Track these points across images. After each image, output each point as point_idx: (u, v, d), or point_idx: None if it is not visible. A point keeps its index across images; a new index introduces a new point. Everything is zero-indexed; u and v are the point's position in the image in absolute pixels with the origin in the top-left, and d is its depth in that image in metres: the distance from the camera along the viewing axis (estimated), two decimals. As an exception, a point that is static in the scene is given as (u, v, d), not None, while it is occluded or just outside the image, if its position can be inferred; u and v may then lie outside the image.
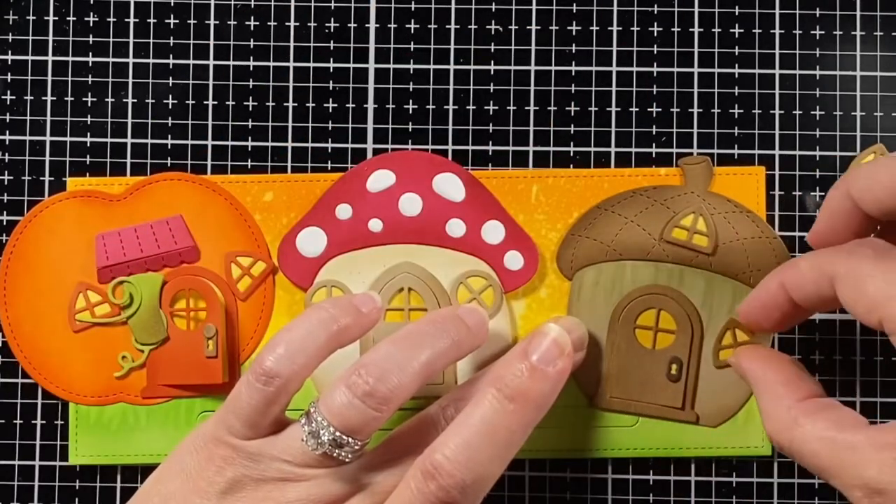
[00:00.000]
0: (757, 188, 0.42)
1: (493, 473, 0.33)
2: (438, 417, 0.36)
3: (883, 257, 0.31)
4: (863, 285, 0.30)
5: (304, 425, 0.34)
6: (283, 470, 0.34)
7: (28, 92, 0.43)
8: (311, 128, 0.43)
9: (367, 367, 0.34)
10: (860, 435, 0.30)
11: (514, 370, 0.34)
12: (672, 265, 0.41)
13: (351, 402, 0.33)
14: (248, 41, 0.43)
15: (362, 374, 0.33)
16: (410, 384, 0.34)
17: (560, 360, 0.35)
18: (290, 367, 0.34)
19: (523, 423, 0.34)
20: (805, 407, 0.32)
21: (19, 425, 0.43)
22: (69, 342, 0.42)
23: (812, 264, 0.33)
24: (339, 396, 0.33)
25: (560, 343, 0.35)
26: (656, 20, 0.43)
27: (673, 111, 0.43)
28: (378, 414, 0.33)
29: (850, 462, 0.29)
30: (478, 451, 0.32)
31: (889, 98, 0.43)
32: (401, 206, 0.42)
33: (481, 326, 0.37)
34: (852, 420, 0.31)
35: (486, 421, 0.33)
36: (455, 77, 0.43)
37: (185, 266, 0.42)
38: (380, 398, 0.33)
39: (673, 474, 0.42)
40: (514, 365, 0.34)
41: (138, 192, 0.42)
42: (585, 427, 0.41)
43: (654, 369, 0.41)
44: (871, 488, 0.29)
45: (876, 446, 0.29)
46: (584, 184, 0.42)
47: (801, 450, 0.31)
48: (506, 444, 0.33)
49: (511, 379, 0.34)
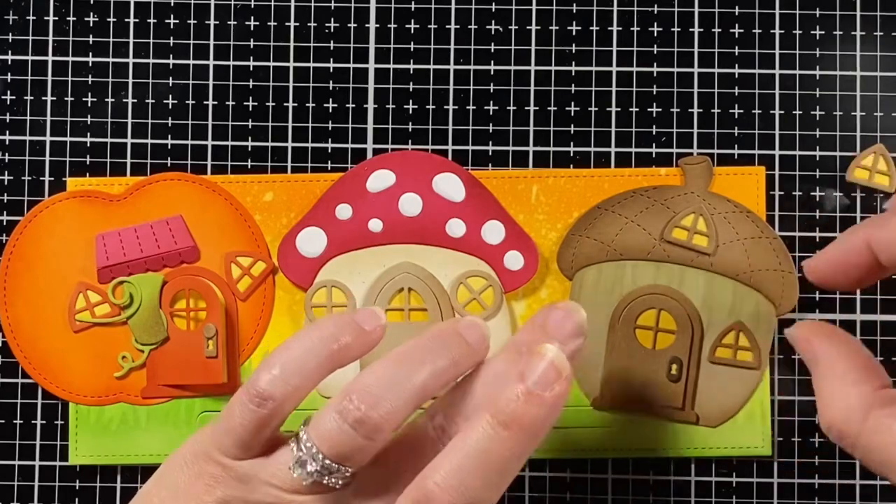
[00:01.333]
0: (757, 188, 0.42)
1: (488, 501, 0.32)
2: (427, 428, 0.34)
3: None
4: None
5: (293, 449, 0.33)
6: (272, 494, 0.33)
7: (28, 92, 0.43)
8: (311, 128, 0.43)
9: (360, 392, 0.32)
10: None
11: (510, 395, 0.32)
12: (672, 265, 0.41)
13: (341, 428, 0.32)
14: (248, 41, 0.43)
15: (353, 400, 0.32)
16: (404, 409, 0.33)
17: (557, 385, 0.32)
18: (284, 389, 0.33)
19: (518, 450, 0.32)
20: (880, 396, 0.30)
21: (19, 425, 0.43)
22: (69, 342, 0.42)
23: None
24: (329, 422, 0.32)
25: (558, 366, 0.32)
26: (656, 20, 0.43)
27: (673, 111, 0.43)
28: (370, 442, 0.32)
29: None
30: (471, 478, 0.31)
31: (889, 98, 0.43)
32: (401, 206, 0.42)
33: (482, 342, 0.35)
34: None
35: (480, 449, 0.31)
36: (455, 77, 0.43)
37: (185, 266, 0.42)
38: (371, 426, 0.32)
39: (673, 474, 0.42)
40: (510, 389, 0.32)
41: (138, 193, 0.42)
42: (585, 427, 0.41)
43: (655, 369, 0.41)
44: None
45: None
46: (584, 184, 0.42)
47: (871, 443, 0.30)
48: (499, 471, 0.32)
49: (506, 404, 0.31)
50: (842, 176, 0.42)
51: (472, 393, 0.34)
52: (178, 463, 0.34)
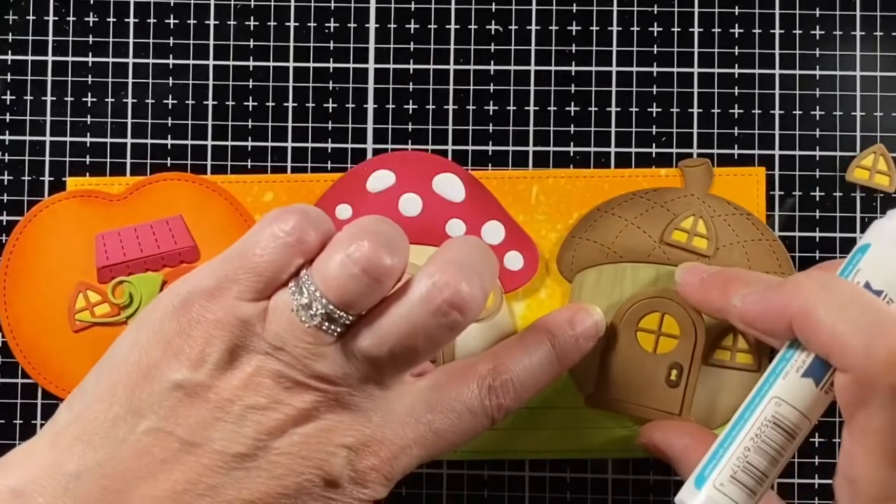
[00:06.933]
0: (757, 189, 0.42)
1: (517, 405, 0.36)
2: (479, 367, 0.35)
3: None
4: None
5: (293, 293, 0.32)
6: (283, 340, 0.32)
7: (28, 92, 0.43)
8: (311, 128, 0.43)
9: (370, 235, 0.32)
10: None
11: (566, 334, 0.37)
12: (672, 267, 0.41)
13: (351, 272, 0.31)
14: (248, 41, 0.43)
15: (364, 245, 0.31)
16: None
17: (592, 342, 0.38)
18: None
19: (549, 380, 0.37)
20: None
21: (19, 425, 0.43)
22: (69, 342, 0.42)
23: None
24: (337, 266, 0.31)
25: (599, 327, 0.39)
26: (656, 20, 0.43)
27: (673, 111, 0.43)
28: (379, 287, 0.31)
29: None
30: (530, 381, 0.36)
31: (889, 98, 0.43)
32: (401, 206, 0.42)
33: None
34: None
35: (537, 364, 0.36)
36: (455, 77, 0.43)
37: (185, 266, 0.42)
38: (384, 271, 0.31)
39: (672, 474, 0.42)
40: (566, 329, 0.37)
41: (138, 192, 0.42)
42: (585, 427, 0.41)
43: (654, 374, 0.41)
44: None
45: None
46: (584, 184, 0.42)
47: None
48: (538, 390, 0.37)
49: (563, 340, 0.37)
50: (842, 176, 0.42)
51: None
52: (163, 312, 0.32)
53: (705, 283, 0.38)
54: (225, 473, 0.31)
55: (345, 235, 0.32)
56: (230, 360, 0.31)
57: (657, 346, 0.41)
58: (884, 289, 0.33)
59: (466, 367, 0.35)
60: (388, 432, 0.33)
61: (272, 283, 0.32)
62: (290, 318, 0.31)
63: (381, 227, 0.32)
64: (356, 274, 0.31)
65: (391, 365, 0.33)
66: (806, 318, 0.32)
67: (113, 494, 0.30)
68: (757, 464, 0.32)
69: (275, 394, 0.31)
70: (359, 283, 0.31)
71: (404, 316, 0.32)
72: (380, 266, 0.31)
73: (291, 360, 0.31)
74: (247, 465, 0.31)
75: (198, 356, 0.31)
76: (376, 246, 0.31)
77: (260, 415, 0.31)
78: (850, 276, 0.34)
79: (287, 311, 0.31)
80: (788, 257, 0.41)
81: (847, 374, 0.30)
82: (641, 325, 0.41)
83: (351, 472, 0.32)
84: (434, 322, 0.32)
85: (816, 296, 0.32)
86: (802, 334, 0.32)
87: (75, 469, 0.31)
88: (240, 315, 0.31)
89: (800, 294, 0.32)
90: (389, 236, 0.32)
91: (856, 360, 0.30)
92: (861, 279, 0.33)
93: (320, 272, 0.31)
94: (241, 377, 0.31)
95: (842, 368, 0.31)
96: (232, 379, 0.31)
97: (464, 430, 0.34)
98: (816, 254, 0.42)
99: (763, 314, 0.34)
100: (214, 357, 0.31)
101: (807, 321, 0.31)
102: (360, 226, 0.32)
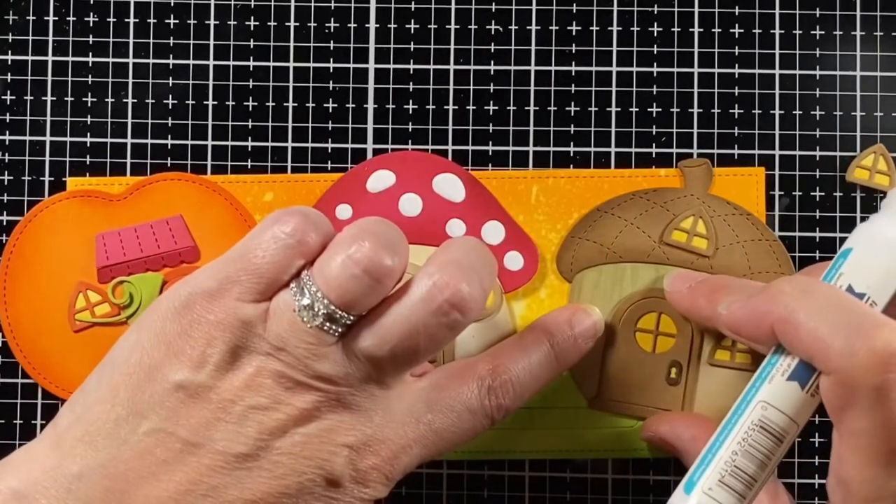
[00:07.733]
0: (757, 189, 0.42)
1: (517, 404, 0.36)
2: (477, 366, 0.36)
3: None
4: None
5: (294, 294, 0.32)
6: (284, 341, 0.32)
7: (28, 92, 0.43)
8: (311, 128, 0.43)
9: (371, 236, 0.32)
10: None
11: (565, 334, 0.38)
12: (672, 268, 0.41)
13: (352, 273, 0.31)
14: (248, 41, 0.43)
15: (365, 245, 0.31)
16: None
17: (590, 342, 0.39)
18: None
19: (548, 379, 0.37)
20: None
21: (19, 425, 0.43)
22: (69, 342, 0.42)
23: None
24: (338, 267, 0.31)
25: (597, 327, 0.39)
26: (656, 20, 0.43)
27: (673, 111, 0.43)
28: (380, 287, 0.32)
29: None
30: (528, 380, 0.36)
31: (889, 98, 0.43)
32: (401, 206, 0.42)
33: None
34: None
35: (536, 364, 0.36)
36: (455, 77, 0.43)
37: (185, 266, 0.42)
38: (385, 271, 0.31)
39: (673, 474, 0.42)
40: (565, 330, 0.38)
41: (138, 192, 0.42)
42: (585, 428, 0.41)
43: (654, 373, 0.41)
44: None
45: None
46: (584, 184, 0.42)
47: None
48: (537, 390, 0.37)
49: (562, 340, 0.37)
50: (842, 176, 0.42)
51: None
52: (164, 313, 0.32)
53: (693, 291, 0.38)
54: (227, 473, 0.31)
55: (345, 236, 0.32)
56: (231, 360, 0.31)
57: (655, 345, 0.41)
58: (866, 291, 0.33)
59: (466, 367, 0.35)
60: (389, 432, 0.33)
61: (273, 284, 0.32)
62: (291, 319, 0.31)
63: (382, 228, 0.33)
64: (357, 274, 0.31)
65: (392, 365, 0.33)
66: (787, 323, 0.32)
67: (115, 495, 0.30)
68: (745, 468, 0.32)
69: (276, 394, 0.31)
70: (360, 283, 0.31)
71: (405, 316, 0.32)
72: (380, 266, 0.31)
73: (293, 360, 0.32)
74: (248, 465, 0.31)
75: (199, 357, 0.31)
76: (377, 246, 0.31)
77: (261, 415, 0.31)
78: (833, 279, 0.34)
79: (288, 312, 0.32)
80: (788, 257, 0.41)
81: (831, 376, 0.30)
82: (639, 326, 0.41)
83: (352, 472, 0.32)
84: (434, 322, 0.32)
85: (797, 301, 0.32)
86: (785, 339, 0.32)
87: (78, 470, 0.31)
88: (241, 316, 0.31)
89: (780, 300, 0.32)
90: (390, 237, 0.32)
91: (838, 362, 0.30)
92: (844, 282, 0.33)
93: (322, 273, 0.32)
94: (242, 378, 0.31)
95: (825, 371, 0.31)
96: (233, 379, 0.31)
97: (464, 430, 0.34)
98: (816, 254, 0.42)
99: (747, 321, 0.34)
100: (216, 358, 0.31)
101: (788, 326, 0.32)
102: (361, 227, 0.32)
